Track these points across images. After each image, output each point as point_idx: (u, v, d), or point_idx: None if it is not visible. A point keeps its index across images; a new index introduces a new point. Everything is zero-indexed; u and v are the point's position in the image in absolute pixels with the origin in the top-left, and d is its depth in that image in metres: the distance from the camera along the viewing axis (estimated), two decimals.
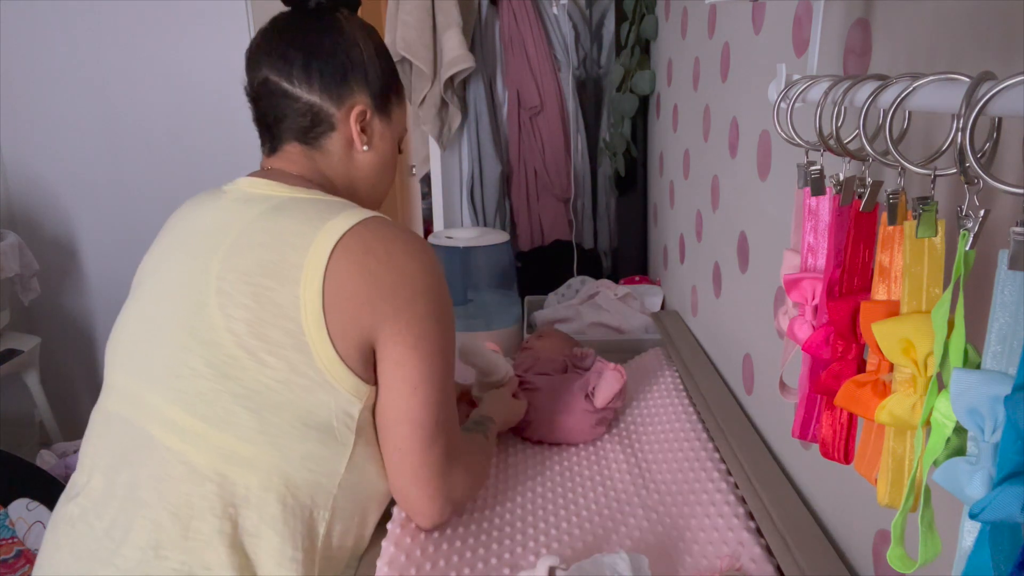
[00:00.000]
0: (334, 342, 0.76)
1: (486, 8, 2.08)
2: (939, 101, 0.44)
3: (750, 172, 1.08)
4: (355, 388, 0.79)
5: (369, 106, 0.90)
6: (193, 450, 0.75)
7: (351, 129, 0.89)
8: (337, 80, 0.87)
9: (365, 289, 0.76)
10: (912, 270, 0.47)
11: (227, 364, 0.75)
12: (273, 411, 0.75)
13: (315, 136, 0.89)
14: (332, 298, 0.75)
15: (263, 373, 0.75)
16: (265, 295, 0.75)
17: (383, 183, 0.96)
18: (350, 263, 0.76)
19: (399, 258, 0.78)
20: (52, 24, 2.57)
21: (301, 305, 0.75)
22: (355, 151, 0.91)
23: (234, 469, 0.75)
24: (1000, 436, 0.37)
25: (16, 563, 1.83)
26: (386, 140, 0.93)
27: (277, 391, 0.75)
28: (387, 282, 0.77)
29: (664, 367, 1.39)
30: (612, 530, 0.93)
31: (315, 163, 0.90)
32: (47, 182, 2.70)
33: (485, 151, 2.14)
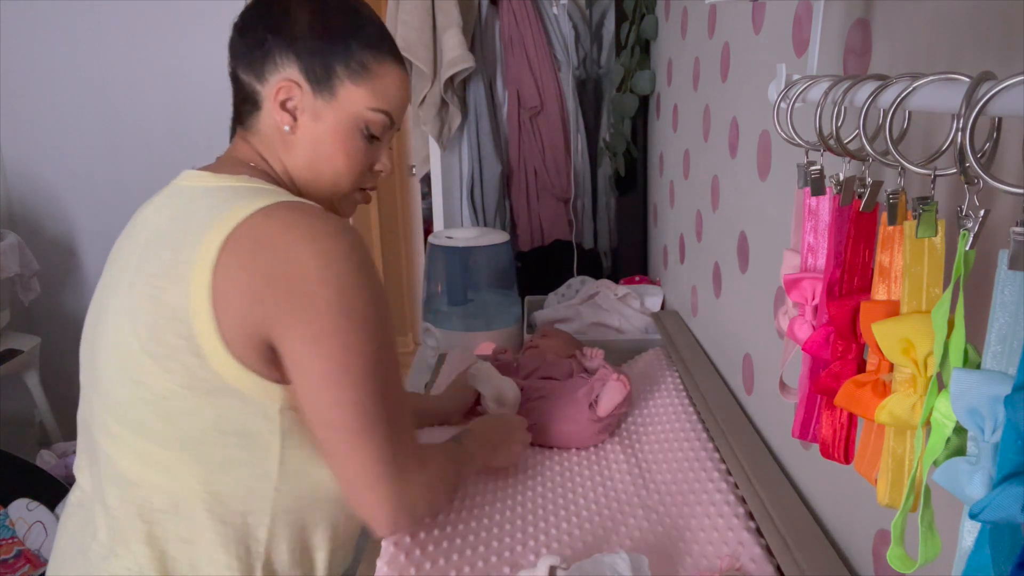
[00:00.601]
0: (228, 344, 0.70)
1: (486, 8, 2.08)
2: (939, 101, 0.44)
3: (750, 172, 1.08)
4: (263, 390, 0.73)
5: (297, 81, 0.79)
6: (122, 456, 0.76)
7: (273, 107, 0.81)
8: (259, 53, 0.80)
9: (256, 284, 0.69)
10: (912, 270, 0.47)
11: (136, 370, 0.72)
12: (184, 417, 0.72)
13: (246, 116, 0.83)
14: (221, 296, 0.69)
15: (168, 379, 0.71)
16: (160, 297, 0.71)
17: (327, 171, 0.83)
18: (240, 257, 0.69)
19: (296, 248, 0.69)
20: (52, 24, 2.57)
21: (190, 306, 0.69)
22: (285, 133, 0.81)
23: (158, 476, 0.75)
24: (1000, 436, 0.37)
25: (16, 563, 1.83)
26: (324, 121, 0.81)
27: (184, 397, 0.71)
28: (279, 275, 0.69)
29: (664, 367, 1.39)
30: (612, 530, 0.93)
31: (251, 145, 0.84)
32: (47, 182, 2.70)
33: (485, 151, 2.14)
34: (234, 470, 0.74)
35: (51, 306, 2.77)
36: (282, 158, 0.83)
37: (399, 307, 4.14)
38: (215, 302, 0.69)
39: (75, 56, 2.60)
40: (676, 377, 1.34)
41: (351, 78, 0.80)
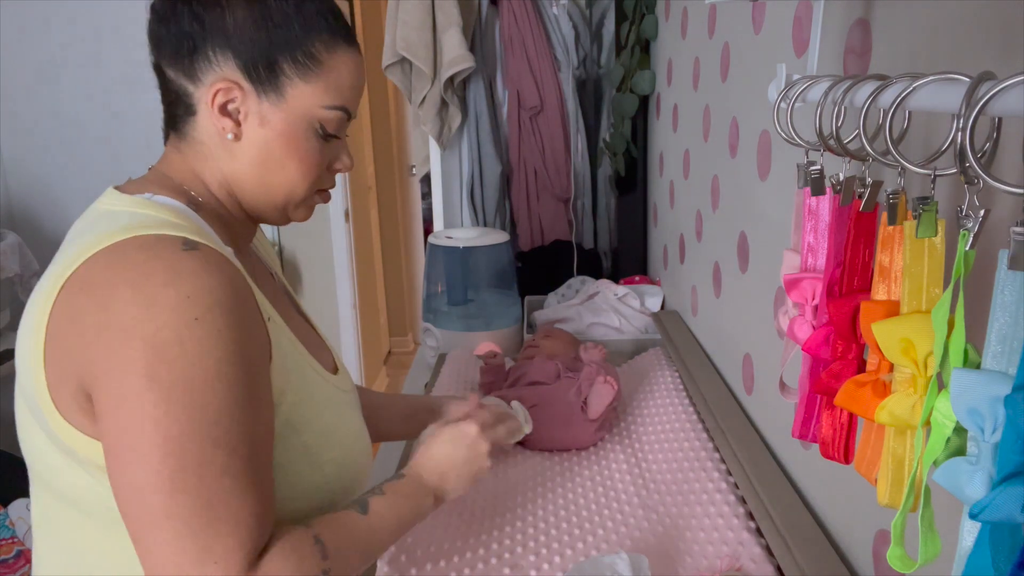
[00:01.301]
0: (55, 399, 0.61)
1: (486, 8, 2.08)
2: (939, 101, 0.44)
3: (750, 172, 1.08)
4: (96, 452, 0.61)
5: (237, 82, 0.68)
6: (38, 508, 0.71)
7: (211, 112, 0.69)
8: (187, 49, 0.67)
9: (74, 335, 0.59)
10: (912, 270, 0.47)
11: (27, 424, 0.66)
12: (62, 474, 0.64)
13: (178, 121, 0.71)
14: (51, 348, 0.61)
15: (43, 435, 0.64)
16: (22, 344, 0.63)
17: (279, 179, 0.72)
18: (68, 303, 0.60)
19: (119, 293, 0.58)
20: (52, 24, 2.57)
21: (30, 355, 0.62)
22: (227, 140, 0.70)
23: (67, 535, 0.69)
24: (1000, 436, 0.37)
25: (16, 563, 1.83)
26: (272, 126, 0.69)
27: (55, 454, 0.64)
28: (93, 324, 0.58)
29: (664, 367, 1.39)
30: (612, 530, 0.93)
31: (185, 157, 0.72)
32: (47, 182, 2.70)
33: (485, 151, 2.14)
34: (122, 531, 0.60)
35: None
36: (223, 168, 0.71)
37: (399, 307, 4.15)
38: (47, 354, 0.61)
39: (75, 56, 2.60)
40: (676, 377, 1.34)
41: (300, 75, 0.69)
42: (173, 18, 0.67)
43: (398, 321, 4.16)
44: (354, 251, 2.98)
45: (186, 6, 0.67)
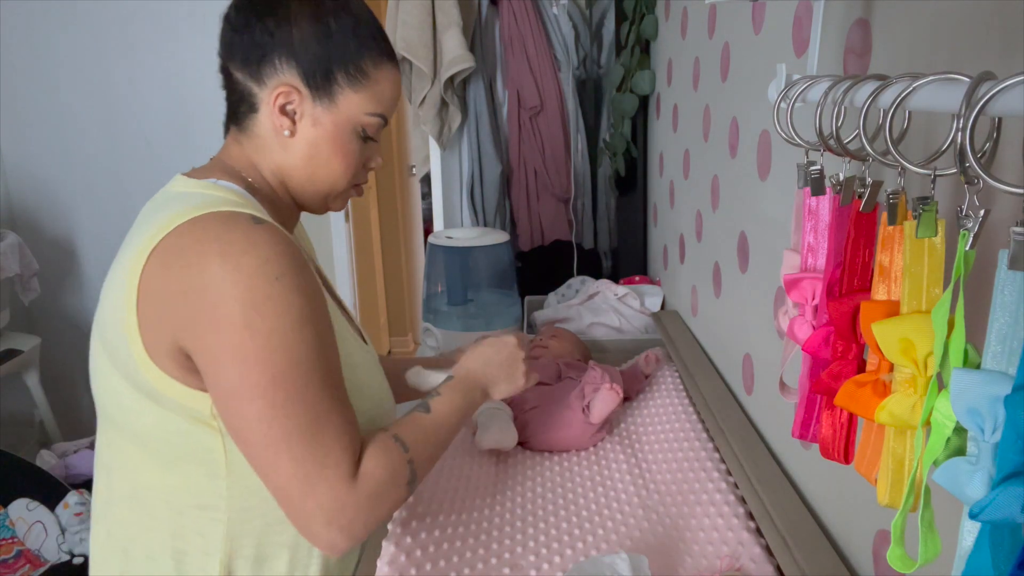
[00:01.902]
0: (150, 352, 0.72)
1: (486, 8, 2.08)
2: (939, 101, 0.44)
3: (750, 172, 1.08)
4: (188, 397, 0.73)
5: (297, 87, 0.79)
6: (101, 442, 0.82)
7: (272, 111, 0.81)
8: (257, 56, 0.79)
9: (169, 296, 0.70)
10: (912, 270, 0.47)
11: (102, 369, 0.77)
12: (135, 416, 0.75)
13: (241, 118, 0.83)
14: (144, 305, 0.71)
15: (119, 380, 0.74)
16: (107, 303, 0.75)
17: (322, 175, 0.83)
18: (160, 267, 0.71)
19: (207, 260, 0.69)
20: (52, 24, 2.57)
21: (123, 312, 0.72)
22: (282, 136, 0.82)
23: (122, 464, 0.79)
24: (1000, 436, 0.37)
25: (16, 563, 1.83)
26: (323, 127, 0.81)
27: (132, 397, 0.74)
28: (190, 288, 0.69)
29: (664, 367, 1.39)
30: (612, 530, 0.93)
31: (244, 149, 0.84)
32: (47, 182, 2.70)
33: (485, 151, 2.14)
34: (185, 467, 0.76)
35: (51, 306, 2.77)
36: (276, 160, 0.83)
37: (399, 307, 4.15)
38: (139, 310, 0.71)
39: (75, 56, 2.60)
40: (676, 377, 1.34)
41: (351, 85, 0.81)
42: (247, 29, 0.80)
43: (398, 321, 4.16)
44: (354, 251, 2.98)
45: (259, 21, 0.79)
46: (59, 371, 2.81)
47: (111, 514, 0.81)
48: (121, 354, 0.73)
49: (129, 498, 0.79)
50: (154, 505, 0.78)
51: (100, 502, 0.82)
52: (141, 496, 0.78)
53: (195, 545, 0.78)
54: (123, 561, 0.80)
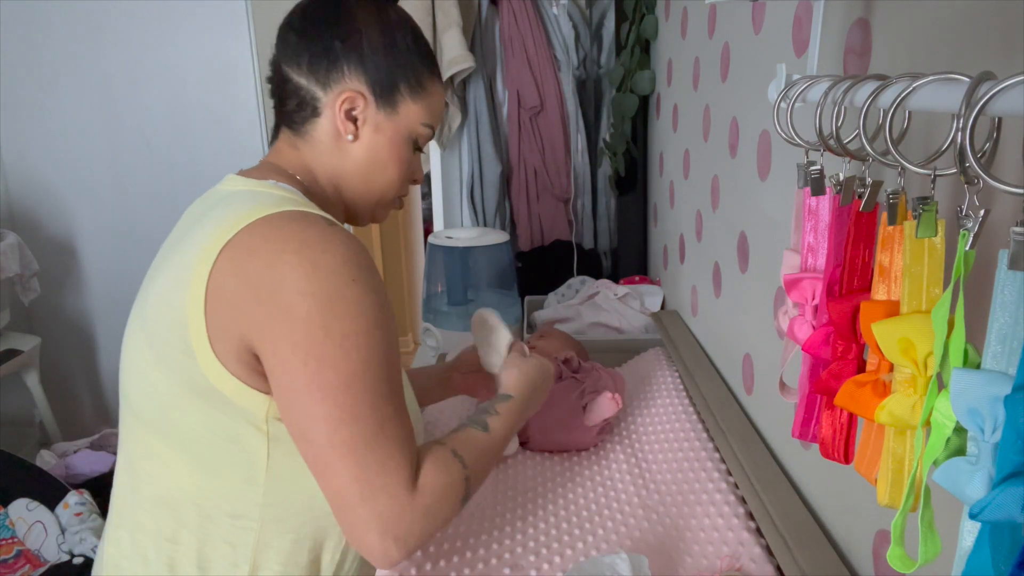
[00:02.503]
0: (215, 349, 0.71)
1: (486, 8, 2.08)
2: (939, 101, 0.44)
3: (750, 172, 1.08)
4: (247, 397, 0.73)
5: (363, 93, 0.82)
6: (131, 443, 0.80)
7: (336, 116, 0.82)
8: (325, 62, 0.81)
9: (240, 294, 0.69)
10: (912, 270, 0.47)
11: (144, 363, 0.75)
12: (178, 414, 0.74)
13: (300, 121, 0.84)
14: (211, 303, 0.70)
15: (167, 376, 0.73)
16: (165, 297, 0.74)
17: (380, 181, 0.86)
18: (231, 264, 0.70)
19: (285, 258, 0.69)
20: (52, 24, 2.57)
21: (186, 308, 0.71)
22: (343, 141, 0.83)
23: (155, 466, 0.77)
24: (1000, 436, 0.37)
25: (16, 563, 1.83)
26: (384, 133, 0.84)
27: (180, 395, 0.73)
28: (264, 285, 0.69)
29: (664, 367, 1.39)
30: (612, 530, 0.93)
31: (300, 153, 0.85)
32: (47, 182, 2.70)
33: (485, 151, 2.14)
34: (223, 471, 0.75)
35: (51, 306, 2.77)
36: (334, 165, 0.84)
37: (399, 307, 4.15)
38: (207, 307, 0.70)
39: (75, 56, 2.60)
40: (676, 377, 1.34)
41: (411, 95, 0.84)
42: (317, 35, 0.81)
43: (398, 321, 4.16)
44: None
45: (329, 28, 0.81)
46: (59, 371, 2.81)
47: (135, 518, 0.79)
48: (174, 351, 0.72)
49: (156, 502, 0.77)
50: (184, 511, 0.76)
51: (123, 505, 0.81)
52: (170, 500, 0.77)
53: (222, 554, 0.77)
54: (143, 567, 0.78)
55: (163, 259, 0.78)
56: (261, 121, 2.69)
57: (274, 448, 0.75)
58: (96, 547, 1.79)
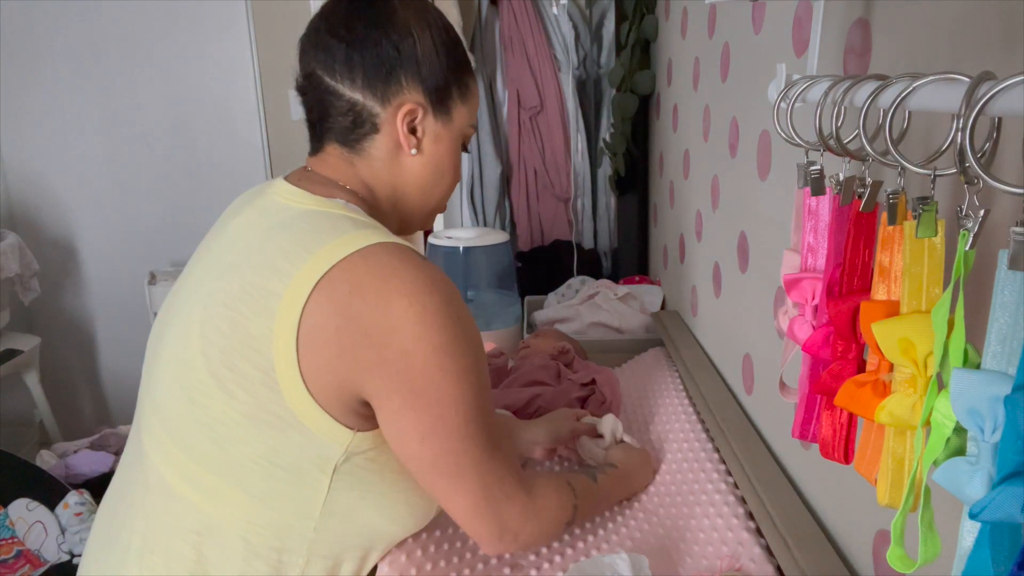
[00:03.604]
0: (307, 384, 0.69)
1: (486, 8, 2.08)
2: (939, 101, 0.44)
3: (750, 172, 1.08)
4: (333, 432, 0.71)
5: (423, 104, 0.79)
6: (167, 468, 0.75)
7: (398, 130, 0.79)
8: (383, 75, 0.77)
9: (346, 334, 0.68)
10: (912, 270, 0.47)
11: (196, 389, 0.71)
12: (236, 445, 0.71)
13: (356, 138, 0.80)
14: (307, 338, 0.68)
15: (229, 405, 0.70)
16: (240, 322, 0.70)
17: (437, 190, 0.85)
18: (332, 301, 0.68)
19: (393, 301, 0.68)
20: (52, 24, 2.57)
21: (273, 339, 0.68)
22: (402, 155, 0.80)
23: (199, 495, 0.73)
24: (1000, 436, 0.37)
25: (16, 563, 1.83)
26: (442, 142, 0.82)
27: (242, 425, 0.70)
28: (377, 330, 0.68)
29: (664, 367, 1.39)
30: (612, 530, 0.93)
31: (356, 169, 0.81)
32: (47, 182, 2.70)
33: (485, 151, 2.14)
34: (276, 504, 0.73)
35: (51, 306, 2.77)
36: (393, 182, 0.82)
37: None
38: (300, 341, 0.68)
39: (75, 56, 2.60)
40: (676, 377, 1.34)
41: (460, 97, 0.82)
42: (370, 45, 0.76)
43: None
44: None
45: (384, 35, 0.76)
46: (59, 371, 2.81)
47: (171, 546, 0.74)
48: (250, 380, 0.69)
49: (200, 533, 0.73)
50: (229, 543, 0.73)
51: (157, 530, 0.75)
52: (216, 532, 0.73)
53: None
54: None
55: (226, 276, 0.73)
56: (261, 121, 2.69)
57: (336, 482, 0.73)
58: None
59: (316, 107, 0.81)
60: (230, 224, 0.81)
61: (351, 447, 0.73)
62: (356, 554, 0.79)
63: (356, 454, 0.74)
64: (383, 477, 0.76)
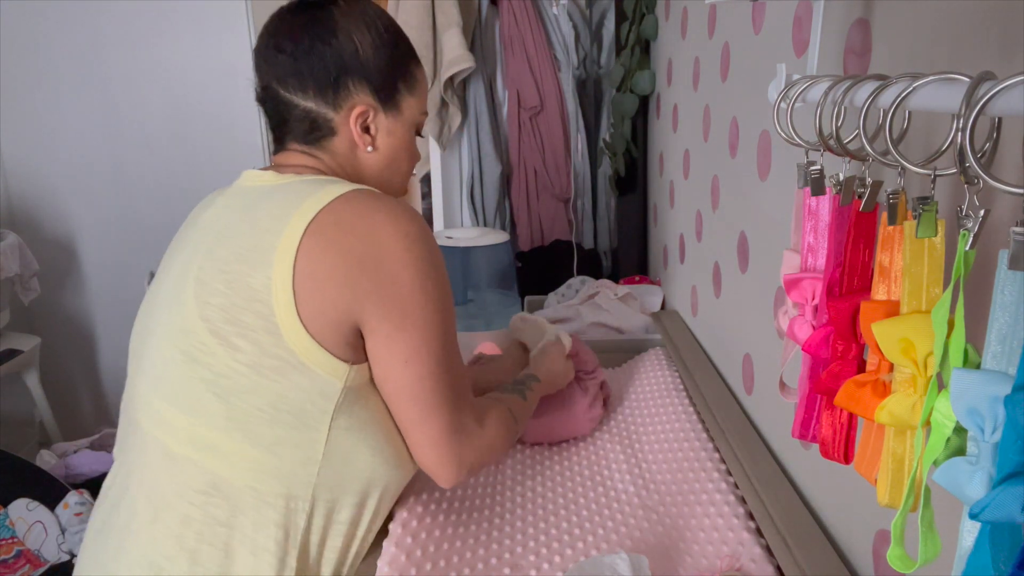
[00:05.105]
0: (306, 323, 0.75)
1: (486, 8, 2.08)
2: (939, 101, 0.44)
3: (750, 172, 1.08)
4: (332, 368, 0.77)
5: (371, 104, 0.86)
6: (168, 437, 0.78)
7: (352, 131, 0.86)
8: (331, 83, 0.83)
9: (342, 268, 0.75)
10: (912, 270, 0.47)
11: (197, 350, 0.76)
12: (241, 396, 0.75)
13: (316, 140, 0.87)
14: (304, 279, 0.74)
15: (233, 357, 0.75)
16: (239, 280, 0.76)
17: (396, 176, 0.93)
18: (324, 241, 0.74)
19: (380, 231, 0.75)
20: (52, 24, 2.57)
21: (272, 287, 0.74)
22: (359, 151, 0.88)
23: (204, 454, 0.77)
24: (1000, 436, 0.37)
25: (16, 563, 1.83)
26: (395, 135, 0.89)
27: (246, 375, 0.75)
28: (366, 258, 0.75)
29: (664, 367, 1.39)
30: (612, 530, 0.93)
31: (318, 160, 0.88)
32: (47, 182, 2.70)
33: (485, 151, 2.14)
34: (281, 451, 0.77)
35: (51, 306, 2.77)
36: (352, 169, 0.89)
37: None
38: (296, 285, 0.74)
39: (75, 56, 2.60)
40: (676, 377, 1.34)
41: (408, 90, 0.88)
42: (315, 56, 0.82)
43: None
44: None
45: (326, 46, 0.82)
46: (59, 371, 2.81)
47: (181, 512, 0.77)
48: (252, 330, 0.75)
49: (209, 493, 0.77)
50: (240, 496, 0.77)
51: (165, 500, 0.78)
52: (225, 488, 0.77)
53: (276, 540, 0.78)
54: (190, 561, 0.76)
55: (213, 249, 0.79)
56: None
57: (335, 422, 0.78)
58: None
59: (275, 116, 0.88)
60: (201, 217, 0.86)
61: (349, 381, 0.78)
62: (354, 499, 0.83)
63: (354, 391, 0.79)
64: (376, 420, 0.82)
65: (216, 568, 0.76)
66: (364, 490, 0.83)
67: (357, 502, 0.83)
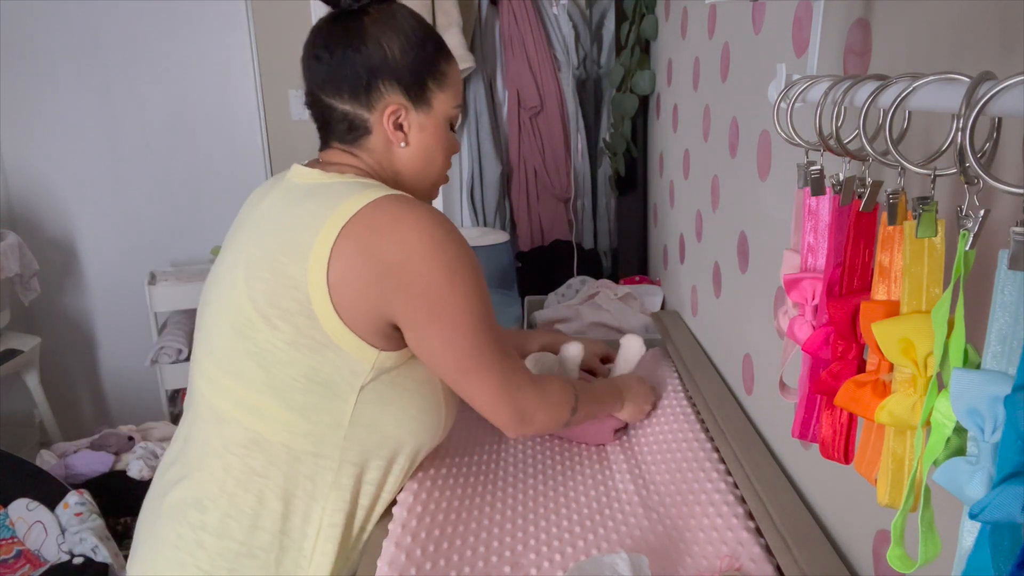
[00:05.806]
0: (340, 313, 0.84)
1: (486, 8, 2.08)
2: (939, 101, 0.44)
3: (750, 172, 1.08)
4: (362, 352, 0.86)
5: (402, 103, 0.92)
6: (217, 397, 0.91)
7: (386, 129, 0.93)
8: (363, 86, 0.90)
9: (371, 269, 0.83)
10: (912, 270, 0.47)
11: (245, 327, 0.86)
12: (280, 367, 0.86)
13: (354, 139, 0.94)
14: (337, 277, 0.82)
15: (274, 335, 0.85)
16: (281, 270, 0.85)
17: (432, 169, 0.98)
18: (356, 244, 0.82)
19: (406, 235, 0.83)
20: (52, 24, 2.57)
21: (308, 279, 0.83)
22: (395, 147, 0.95)
23: (246, 415, 0.88)
24: (1000, 436, 0.37)
25: (16, 563, 1.83)
26: (427, 129, 0.95)
27: (284, 351, 0.85)
28: (394, 261, 0.83)
29: (664, 367, 1.39)
30: (612, 530, 0.93)
31: (359, 159, 0.95)
32: (47, 182, 2.70)
33: (485, 151, 2.14)
34: (313, 416, 0.88)
35: (51, 306, 2.77)
36: (391, 165, 0.96)
37: None
38: (331, 280, 0.83)
39: (75, 56, 2.60)
40: (676, 377, 1.34)
41: (438, 87, 0.94)
42: (347, 63, 0.90)
43: None
44: None
45: (356, 53, 0.90)
46: (59, 371, 2.81)
47: (223, 461, 0.89)
48: (292, 313, 0.84)
49: (249, 446, 0.88)
50: (275, 451, 0.88)
51: (205, 451, 0.91)
52: (263, 443, 0.88)
53: (304, 489, 0.89)
54: (229, 504, 0.88)
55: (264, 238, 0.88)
56: (261, 121, 2.69)
57: (361, 395, 0.88)
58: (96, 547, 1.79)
59: (319, 118, 0.97)
60: (259, 206, 0.96)
61: (377, 364, 0.88)
62: (381, 463, 0.93)
63: (382, 372, 0.89)
64: (400, 395, 0.91)
65: (249, 511, 0.88)
66: (390, 456, 0.94)
67: (383, 465, 0.94)
